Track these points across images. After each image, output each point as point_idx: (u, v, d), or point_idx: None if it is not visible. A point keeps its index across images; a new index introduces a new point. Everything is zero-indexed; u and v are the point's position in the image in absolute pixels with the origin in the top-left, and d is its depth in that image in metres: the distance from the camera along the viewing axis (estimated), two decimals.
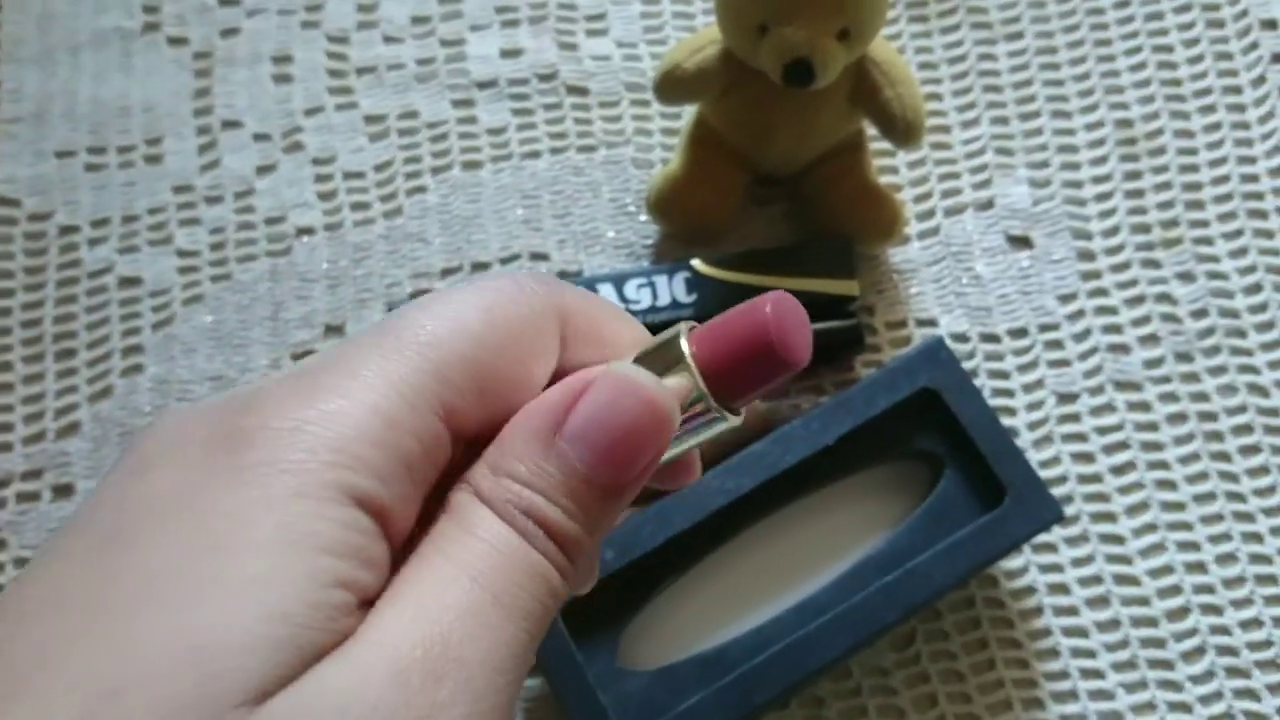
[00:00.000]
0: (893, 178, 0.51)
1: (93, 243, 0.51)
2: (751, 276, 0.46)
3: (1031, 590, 0.45)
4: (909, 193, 0.51)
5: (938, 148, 0.52)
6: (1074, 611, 0.45)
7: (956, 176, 0.51)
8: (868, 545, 0.42)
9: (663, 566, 0.41)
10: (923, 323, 0.49)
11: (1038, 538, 0.44)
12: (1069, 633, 0.44)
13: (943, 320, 0.49)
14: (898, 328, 0.49)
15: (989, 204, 0.51)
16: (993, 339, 0.49)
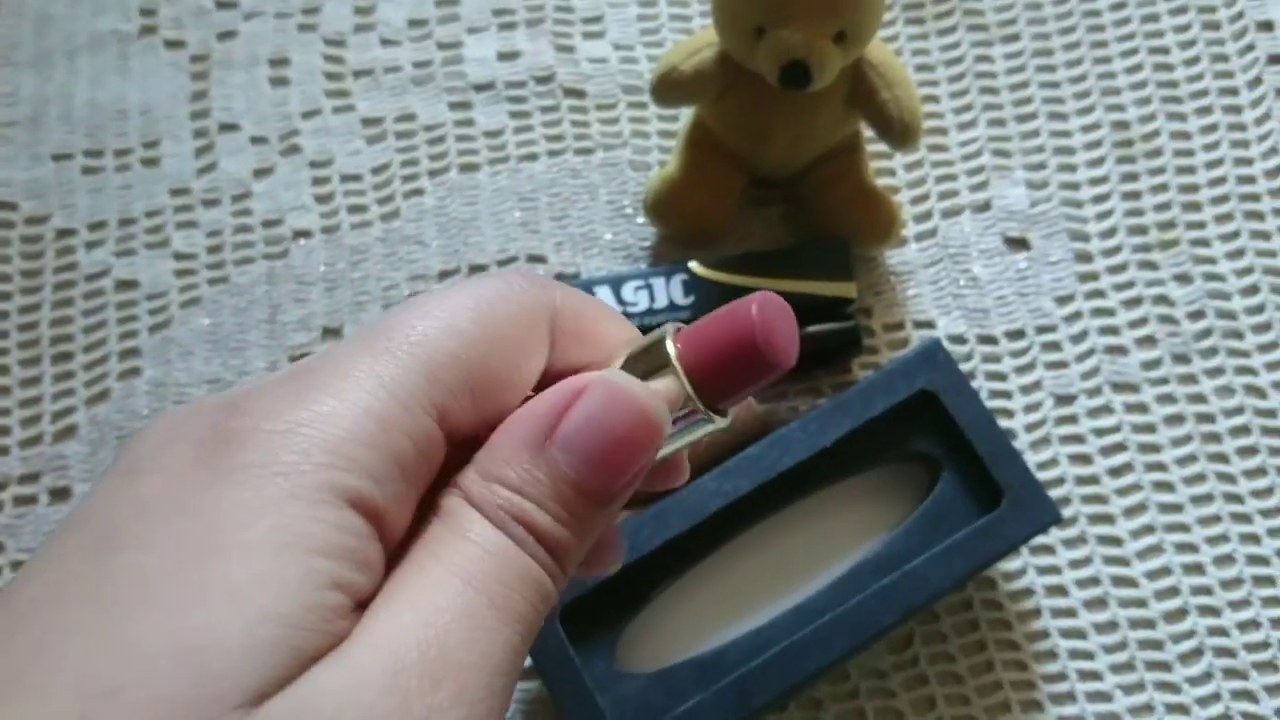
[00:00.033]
0: (890, 180, 0.51)
1: (90, 246, 0.51)
2: (749, 279, 0.46)
3: (1029, 592, 0.45)
4: (906, 195, 0.51)
5: (935, 150, 0.52)
6: (1072, 613, 0.45)
7: (953, 178, 0.51)
8: (865, 547, 0.42)
9: (661, 569, 0.41)
10: (920, 324, 0.49)
11: (1035, 539, 0.44)
12: (1067, 634, 0.44)
13: (940, 322, 0.49)
14: (895, 330, 0.49)
15: (986, 206, 0.51)
16: (990, 341, 0.49)
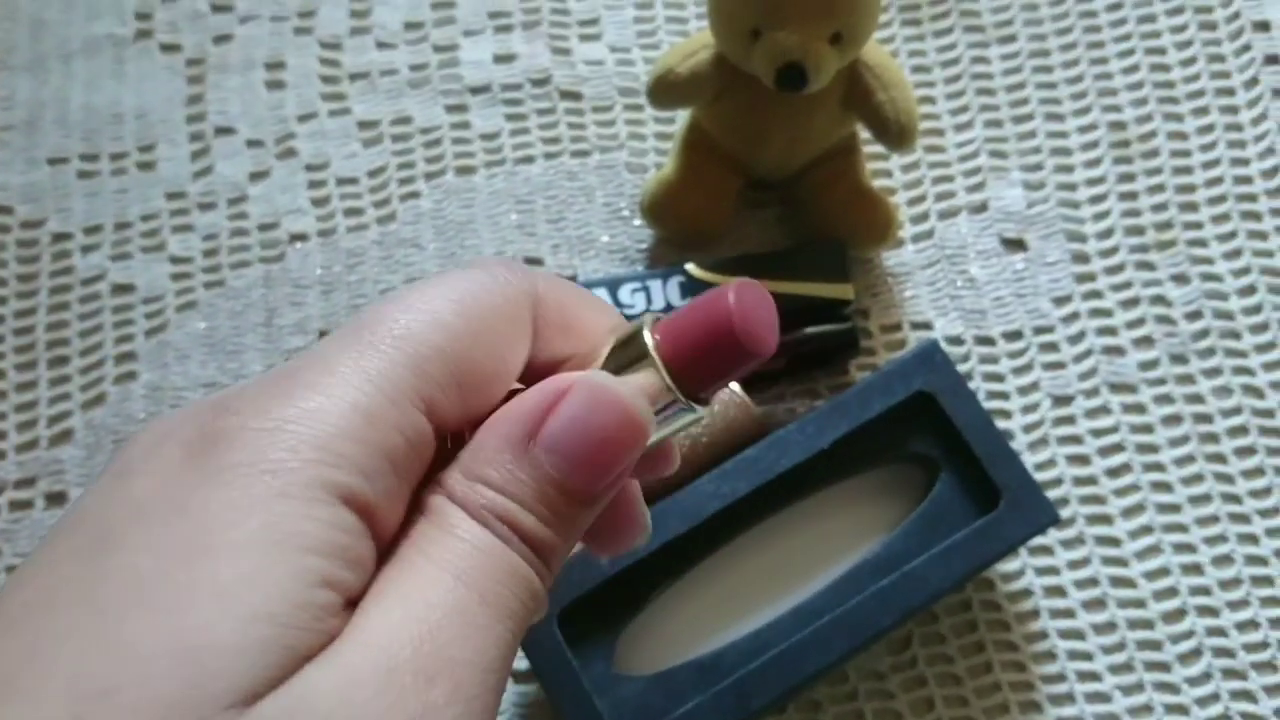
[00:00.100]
0: (886, 181, 0.51)
1: (85, 250, 0.51)
2: None
3: (1028, 593, 0.45)
4: (903, 196, 0.51)
5: (931, 151, 0.52)
6: (1070, 614, 0.45)
7: (950, 180, 0.51)
8: (864, 549, 0.42)
9: (658, 571, 0.41)
10: (917, 326, 0.49)
11: (1034, 540, 0.44)
12: (1065, 635, 0.44)
13: (937, 323, 0.49)
14: (892, 331, 0.49)
15: (983, 207, 0.51)
16: (987, 342, 0.48)
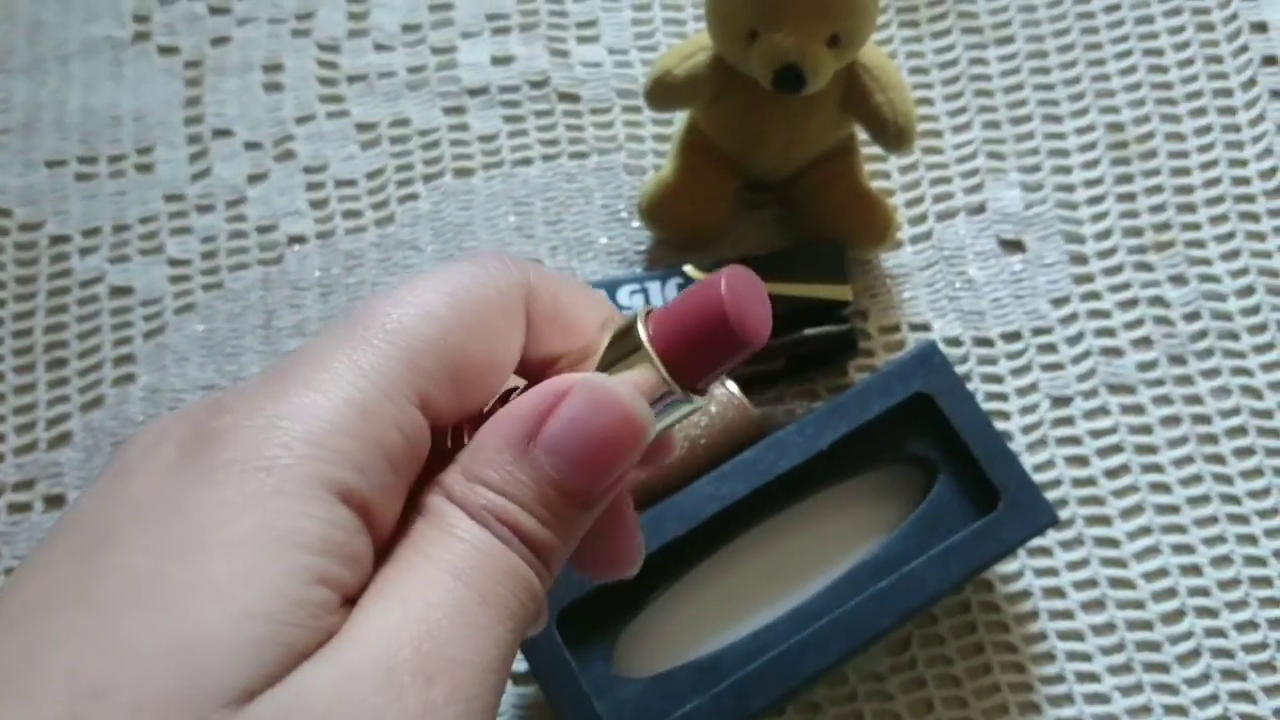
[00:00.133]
0: (884, 182, 0.51)
1: (84, 252, 0.51)
2: None
3: (1027, 594, 0.45)
4: (901, 197, 0.51)
5: (929, 152, 0.52)
6: (1069, 615, 0.44)
7: (948, 181, 0.51)
8: (862, 550, 0.42)
9: (657, 573, 0.41)
10: (916, 327, 0.49)
11: (1033, 542, 0.44)
12: (1064, 636, 0.44)
13: (936, 324, 0.49)
14: (891, 332, 0.49)
15: (981, 208, 0.51)
16: (986, 343, 0.48)
